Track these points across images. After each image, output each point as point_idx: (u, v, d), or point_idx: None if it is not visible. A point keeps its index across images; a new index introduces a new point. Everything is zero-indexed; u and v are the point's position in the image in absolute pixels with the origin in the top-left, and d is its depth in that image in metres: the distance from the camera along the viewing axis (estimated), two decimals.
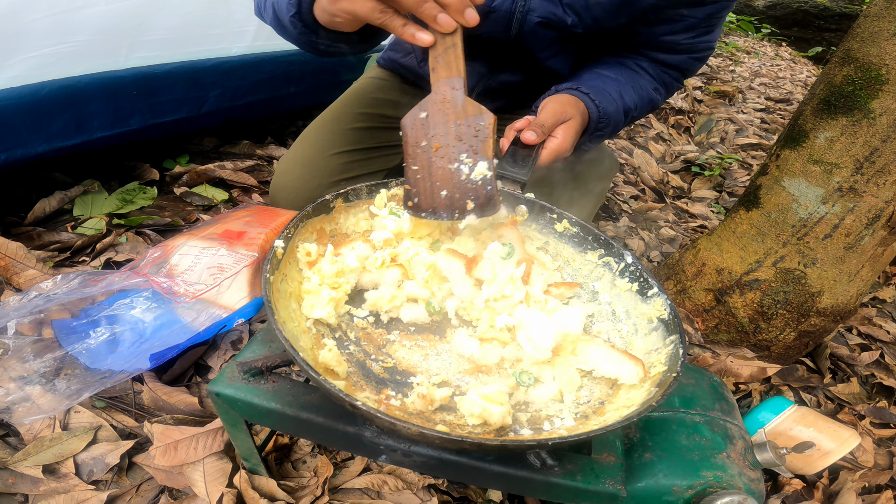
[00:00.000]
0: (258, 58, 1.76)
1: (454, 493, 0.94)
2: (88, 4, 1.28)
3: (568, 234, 0.90)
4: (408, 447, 0.60)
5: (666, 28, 1.17)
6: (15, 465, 0.84)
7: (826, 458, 1.03)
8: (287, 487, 0.86)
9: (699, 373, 0.89)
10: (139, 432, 0.91)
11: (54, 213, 1.46)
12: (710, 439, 0.77)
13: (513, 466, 0.61)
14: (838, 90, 1.29)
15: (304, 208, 0.76)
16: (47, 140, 1.32)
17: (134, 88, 1.45)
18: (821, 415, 1.08)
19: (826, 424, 1.06)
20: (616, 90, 1.16)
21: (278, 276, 0.66)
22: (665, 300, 0.75)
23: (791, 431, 1.07)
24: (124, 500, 0.84)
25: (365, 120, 1.44)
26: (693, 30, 1.18)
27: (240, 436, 0.72)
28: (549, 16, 1.14)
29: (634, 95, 1.20)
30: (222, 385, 0.62)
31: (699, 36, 1.20)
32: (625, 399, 0.65)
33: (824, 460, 1.03)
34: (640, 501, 0.72)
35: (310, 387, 0.65)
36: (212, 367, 1.04)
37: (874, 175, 1.23)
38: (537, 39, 1.19)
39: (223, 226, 1.16)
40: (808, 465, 1.05)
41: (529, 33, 1.17)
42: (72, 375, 0.90)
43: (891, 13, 1.23)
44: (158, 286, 0.98)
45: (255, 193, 1.74)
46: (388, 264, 0.76)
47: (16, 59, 1.20)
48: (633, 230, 2.09)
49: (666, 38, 1.20)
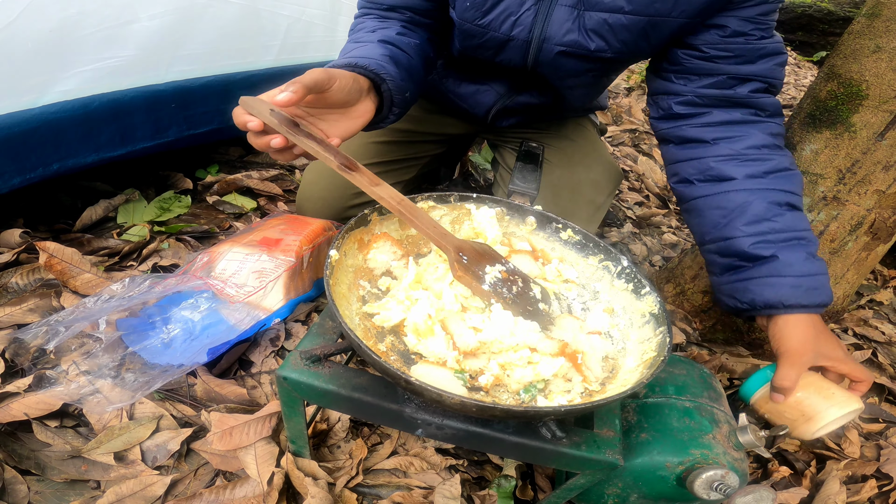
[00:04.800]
0: (282, 70, 1.83)
1: (472, 473, 1.05)
2: (133, 20, 1.34)
3: (572, 241, 1.02)
4: (441, 421, 0.72)
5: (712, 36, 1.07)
6: (89, 452, 0.94)
7: (818, 421, 0.94)
8: (326, 468, 0.96)
9: (691, 365, 1.00)
10: (196, 421, 1.02)
11: (100, 221, 1.57)
12: (698, 422, 0.87)
13: (528, 437, 0.73)
14: (823, 105, 1.36)
15: (347, 222, 0.87)
16: (96, 150, 1.39)
17: (173, 101, 1.52)
18: (824, 379, 0.97)
19: (827, 387, 0.96)
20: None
21: (334, 280, 0.78)
22: (655, 297, 0.87)
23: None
24: (184, 483, 0.94)
25: (387, 134, 1.51)
26: (742, 35, 1.06)
27: (295, 417, 0.84)
28: (570, 44, 1.11)
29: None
30: (288, 370, 0.74)
31: (758, 40, 1.07)
32: (622, 380, 0.78)
33: (819, 425, 0.94)
34: (638, 475, 0.83)
35: (359, 371, 0.77)
36: (254, 361, 1.16)
37: (856, 185, 1.32)
38: (556, 68, 1.17)
39: (261, 233, 1.28)
40: (807, 431, 0.96)
41: (548, 62, 1.16)
42: (136, 370, 1.01)
43: (871, 31, 1.29)
44: (214, 288, 1.10)
45: (281, 202, 1.84)
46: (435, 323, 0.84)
47: (70, 72, 1.26)
48: (636, 235, 2.18)
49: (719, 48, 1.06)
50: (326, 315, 0.87)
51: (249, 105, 0.83)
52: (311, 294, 1.31)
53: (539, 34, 1.12)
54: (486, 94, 1.38)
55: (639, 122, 3.36)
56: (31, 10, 1.15)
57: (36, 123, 1.23)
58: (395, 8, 1.21)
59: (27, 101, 1.22)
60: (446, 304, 0.83)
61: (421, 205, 0.98)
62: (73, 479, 0.91)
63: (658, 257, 2.06)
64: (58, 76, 1.25)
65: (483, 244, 0.93)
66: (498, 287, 0.85)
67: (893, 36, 1.25)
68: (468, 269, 0.86)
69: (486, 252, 0.90)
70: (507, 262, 0.91)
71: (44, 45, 1.19)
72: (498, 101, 1.37)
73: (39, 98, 1.23)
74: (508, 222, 1.05)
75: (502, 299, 0.85)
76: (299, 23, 1.81)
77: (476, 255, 0.88)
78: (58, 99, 1.26)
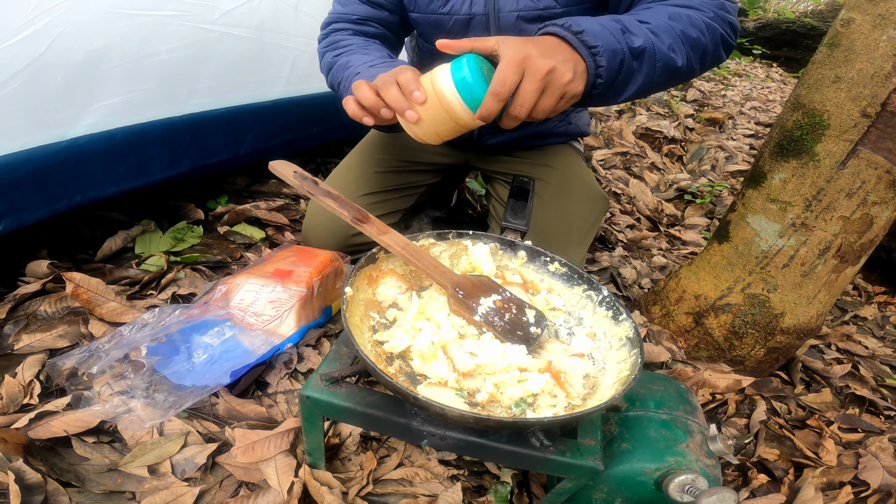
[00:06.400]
0: (289, 101, 1.90)
1: (473, 482, 1.15)
2: (153, 53, 1.39)
3: (558, 273, 1.13)
4: (444, 432, 0.83)
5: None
6: (124, 466, 1.03)
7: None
8: (339, 479, 1.06)
9: (668, 381, 1.10)
10: (219, 437, 1.12)
11: (119, 251, 1.66)
12: (673, 433, 0.97)
13: (519, 446, 0.83)
14: (789, 135, 1.44)
15: (359, 260, 0.99)
16: (115, 182, 1.44)
17: (188, 133, 1.58)
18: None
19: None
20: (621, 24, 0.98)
21: (350, 314, 0.89)
22: (631, 323, 0.97)
23: None
24: (211, 494, 1.03)
25: (385, 164, 1.63)
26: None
27: (314, 432, 0.94)
28: (523, 8, 1.23)
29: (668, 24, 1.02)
30: (310, 390, 0.85)
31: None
32: (600, 395, 0.89)
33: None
34: (620, 480, 0.93)
35: (371, 390, 0.88)
36: (270, 382, 1.25)
37: (821, 212, 1.40)
38: (520, 34, 1.20)
39: (273, 265, 1.38)
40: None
41: (511, 31, 1.26)
42: (165, 391, 1.11)
43: (831, 61, 1.35)
44: (234, 318, 1.21)
45: (288, 232, 1.94)
46: (437, 348, 0.94)
47: (95, 105, 1.31)
48: (626, 259, 2.27)
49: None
50: (342, 342, 0.98)
51: (277, 168, 0.95)
52: (321, 321, 1.42)
53: (494, 6, 1.26)
54: None
55: (629, 145, 3.45)
56: (58, 44, 1.20)
57: (64, 156, 1.28)
58: (367, 21, 1.38)
59: (56, 134, 1.26)
60: (444, 334, 0.94)
61: (422, 242, 1.09)
62: (110, 491, 1.00)
63: (647, 280, 2.16)
64: (84, 109, 1.30)
65: (482, 277, 1.04)
66: (490, 316, 0.96)
67: (851, 66, 1.31)
68: (462, 302, 0.97)
69: (484, 284, 1.01)
70: (505, 291, 1.01)
71: (71, 78, 1.24)
72: None
73: (68, 131, 1.28)
74: (502, 256, 1.16)
75: (493, 328, 0.96)
76: (304, 54, 1.87)
77: (472, 289, 0.99)
78: (85, 132, 1.31)
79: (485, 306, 0.97)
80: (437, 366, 0.89)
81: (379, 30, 1.43)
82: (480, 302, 0.97)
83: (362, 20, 1.40)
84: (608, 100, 1.03)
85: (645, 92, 1.05)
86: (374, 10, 1.41)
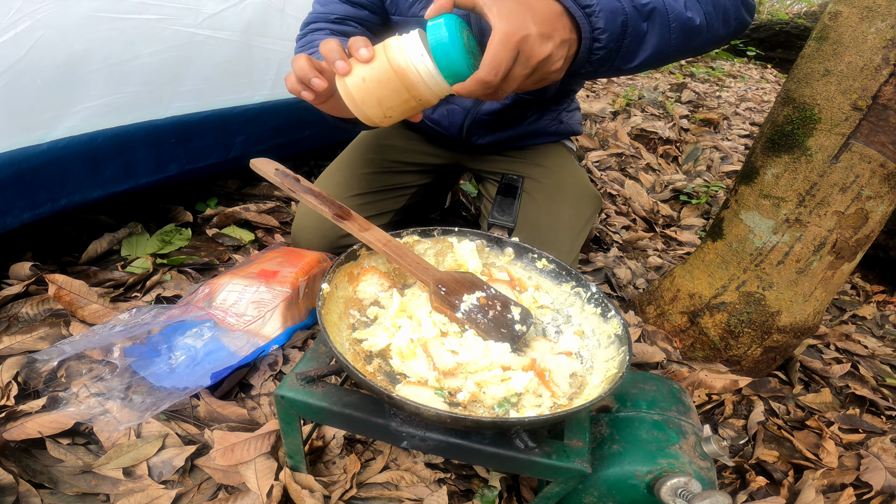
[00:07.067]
0: (277, 104, 1.88)
1: (460, 486, 1.12)
2: (136, 56, 1.37)
3: (546, 269, 1.10)
4: (423, 433, 0.79)
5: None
6: (99, 468, 1.00)
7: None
8: (322, 482, 1.03)
9: (661, 381, 1.07)
10: (199, 439, 1.09)
11: (105, 254, 1.64)
12: (666, 434, 0.93)
13: (503, 448, 0.80)
14: (780, 130, 1.42)
15: (339, 257, 0.96)
16: (101, 186, 1.42)
17: (173, 136, 1.55)
18: None
19: None
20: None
21: (326, 311, 0.86)
22: (620, 320, 0.94)
23: None
24: (189, 497, 1.00)
25: (375, 164, 1.61)
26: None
27: (292, 434, 0.91)
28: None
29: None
30: (286, 390, 0.82)
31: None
32: (586, 395, 0.86)
33: None
34: (611, 484, 0.90)
35: (349, 390, 0.85)
36: (254, 384, 1.23)
37: (815, 207, 1.38)
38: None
39: (258, 266, 1.36)
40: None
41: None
42: (143, 392, 1.09)
43: (820, 54, 1.34)
44: (215, 318, 1.18)
45: (278, 234, 1.91)
46: (417, 346, 0.91)
47: (76, 108, 1.29)
48: (621, 259, 2.25)
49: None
50: (320, 341, 0.95)
51: (258, 166, 0.92)
52: (308, 322, 1.39)
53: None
54: (456, 113, 1.50)
55: (625, 146, 3.43)
56: (39, 46, 1.18)
57: (45, 159, 1.27)
58: (345, 20, 1.35)
59: (36, 136, 1.25)
60: (424, 331, 0.91)
61: (406, 239, 1.07)
62: (83, 493, 0.98)
63: (642, 280, 2.13)
64: (65, 112, 1.28)
65: (466, 273, 1.01)
66: (473, 314, 0.93)
67: (840, 59, 1.29)
68: (444, 299, 0.94)
69: (467, 281, 0.99)
70: (490, 288, 0.99)
71: (52, 80, 1.23)
72: (467, 116, 1.49)
73: (48, 133, 1.26)
74: (488, 254, 1.13)
75: (475, 325, 0.93)
76: (291, 57, 1.85)
77: (455, 285, 0.96)
78: (65, 134, 1.29)
79: (468, 303, 0.94)
80: (416, 364, 0.86)
81: (358, 29, 1.40)
82: (464, 299, 0.95)
83: (341, 19, 1.37)
84: (617, 68, 0.92)
85: (663, 57, 0.94)
86: (353, 10, 1.39)
